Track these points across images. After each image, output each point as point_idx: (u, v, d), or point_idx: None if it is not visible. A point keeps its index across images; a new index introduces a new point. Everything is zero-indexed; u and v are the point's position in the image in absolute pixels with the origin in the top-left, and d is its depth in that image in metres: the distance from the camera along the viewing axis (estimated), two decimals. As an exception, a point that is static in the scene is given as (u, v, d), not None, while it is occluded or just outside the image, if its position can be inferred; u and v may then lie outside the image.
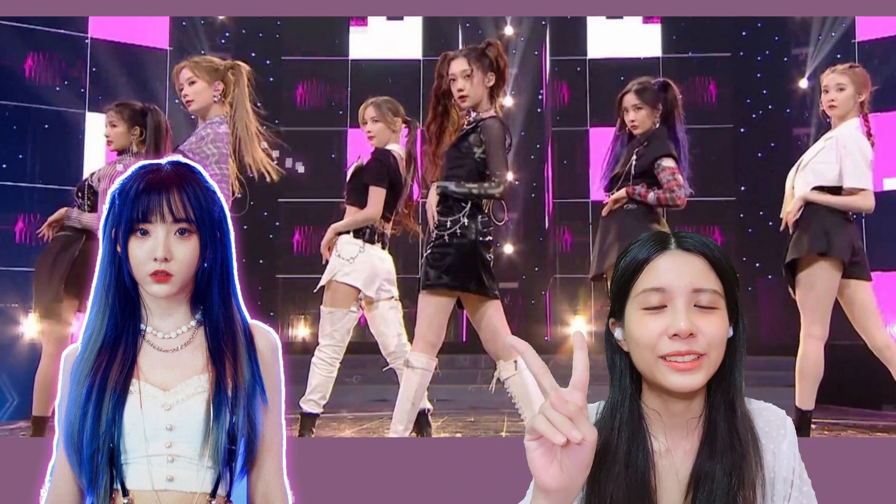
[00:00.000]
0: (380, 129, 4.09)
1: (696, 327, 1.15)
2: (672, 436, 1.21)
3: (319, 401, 3.89)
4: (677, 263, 1.18)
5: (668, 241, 1.20)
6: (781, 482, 1.19)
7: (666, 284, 1.16)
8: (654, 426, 1.21)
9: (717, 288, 1.18)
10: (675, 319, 1.15)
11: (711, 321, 1.16)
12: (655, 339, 1.16)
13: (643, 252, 1.20)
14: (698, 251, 1.19)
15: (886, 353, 3.60)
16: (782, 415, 1.24)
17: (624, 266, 1.21)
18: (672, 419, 1.20)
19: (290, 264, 10.89)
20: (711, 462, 1.16)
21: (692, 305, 1.16)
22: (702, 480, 1.16)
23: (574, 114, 10.98)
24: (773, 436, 1.21)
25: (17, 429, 5.16)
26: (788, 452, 1.20)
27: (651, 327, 1.16)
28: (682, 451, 1.20)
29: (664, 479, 1.19)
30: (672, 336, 1.14)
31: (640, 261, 1.19)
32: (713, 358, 1.16)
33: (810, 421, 3.68)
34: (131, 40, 9.49)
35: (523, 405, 3.34)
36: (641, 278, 1.19)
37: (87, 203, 4.22)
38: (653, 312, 1.17)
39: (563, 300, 10.64)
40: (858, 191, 3.66)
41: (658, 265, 1.18)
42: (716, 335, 1.16)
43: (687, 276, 1.17)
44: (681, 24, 10.83)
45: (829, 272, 3.61)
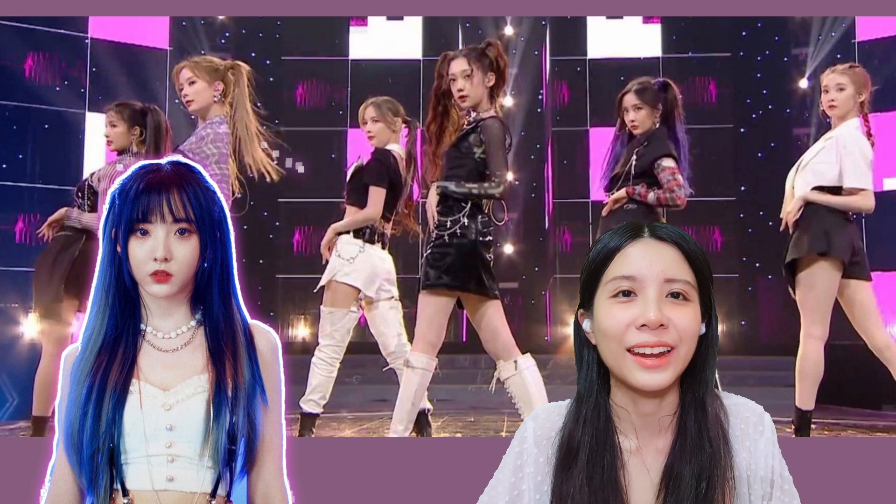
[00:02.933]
0: (380, 129, 4.09)
1: (668, 318, 1.11)
2: (643, 434, 1.17)
3: (319, 401, 3.89)
4: (650, 252, 1.14)
5: (640, 229, 1.17)
6: (759, 481, 1.15)
7: (637, 272, 1.12)
8: (623, 423, 1.17)
9: (690, 279, 1.14)
10: (644, 309, 1.11)
11: (683, 313, 1.12)
12: (623, 329, 1.12)
13: (615, 240, 1.16)
14: (672, 241, 1.15)
15: (886, 353, 3.60)
16: (760, 411, 1.19)
17: (594, 254, 1.17)
18: (642, 418, 1.17)
19: (290, 264, 10.88)
20: (682, 462, 1.13)
21: (664, 296, 1.12)
22: (672, 480, 1.13)
23: (574, 114, 10.97)
24: (750, 433, 1.17)
25: (17, 429, 5.16)
26: (766, 450, 1.16)
27: (619, 317, 1.12)
28: (653, 450, 1.17)
29: (635, 479, 1.16)
30: (640, 326, 1.10)
31: (611, 248, 1.16)
32: (683, 353, 1.12)
33: (810, 421, 3.68)
34: (131, 40, 9.48)
35: (523, 405, 3.33)
36: (612, 266, 1.15)
37: (87, 203, 4.22)
38: (622, 301, 1.13)
39: (563, 300, 10.63)
40: (858, 191, 3.66)
41: (630, 252, 1.14)
42: (688, 328, 1.12)
43: (659, 265, 1.13)
44: (681, 24, 10.82)
45: (829, 272, 3.61)
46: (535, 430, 1.21)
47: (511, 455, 1.22)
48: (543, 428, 1.21)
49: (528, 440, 1.21)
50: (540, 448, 1.20)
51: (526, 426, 1.23)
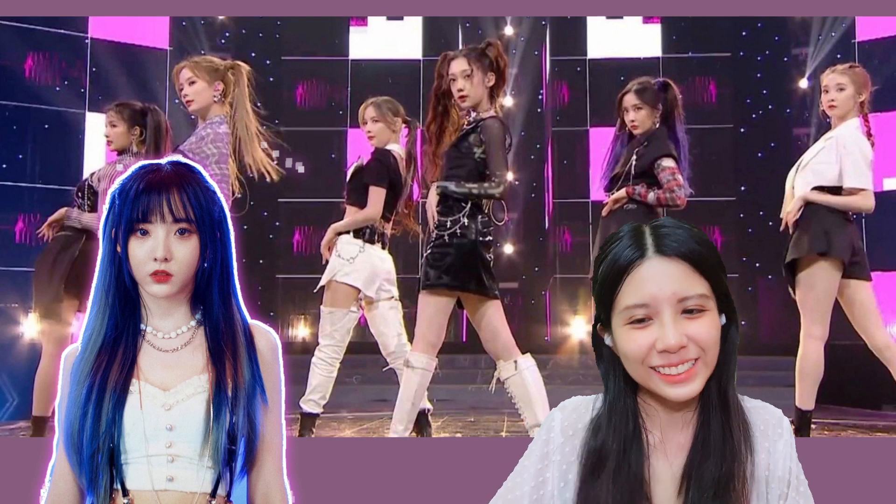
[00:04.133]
0: (380, 129, 4.09)
1: (686, 336, 1.13)
2: (667, 429, 1.20)
3: (319, 401, 3.89)
4: (658, 274, 1.14)
5: (645, 245, 1.15)
6: (777, 481, 1.18)
7: (650, 299, 1.13)
8: (649, 420, 1.20)
9: (703, 291, 1.14)
10: (663, 335, 1.12)
11: (701, 325, 1.14)
12: (644, 353, 1.14)
13: (622, 257, 1.16)
14: (678, 255, 1.14)
15: (886, 353, 3.60)
16: (779, 415, 1.23)
17: (603, 273, 1.18)
18: (669, 415, 1.19)
19: (290, 264, 10.88)
20: (703, 458, 1.15)
21: (679, 314, 1.13)
22: (694, 475, 1.15)
23: (574, 114, 10.97)
24: (770, 434, 1.20)
25: (17, 429, 5.16)
26: (784, 452, 1.19)
27: (639, 342, 1.14)
28: (675, 445, 1.19)
29: (658, 473, 1.18)
30: (661, 351, 1.13)
31: (619, 269, 1.15)
32: (708, 359, 1.15)
33: (810, 421, 3.68)
34: (131, 40, 9.48)
35: (523, 405, 3.33)
36: (623, 292, 1.15)
37: (87, 203, 4.22)
38: (639, 326, 1.14)
39: (563, 300, 10.64)
40: (858, 191, 3.66)
41: (639, 276, 1.14)
42: (708, 338, 1.14)
43: (670, 287, 1.13)
44: (681, 24, 10.82)
45: (829, 272, 3.61)
46: (563, 420, 1.24)
47: (538, 443, 1.25)
48: (570, 419, 1.23)
49: (555, 429, 1.23)
50: (566, 438, 1.22)
51: (553, 416, 1.25)
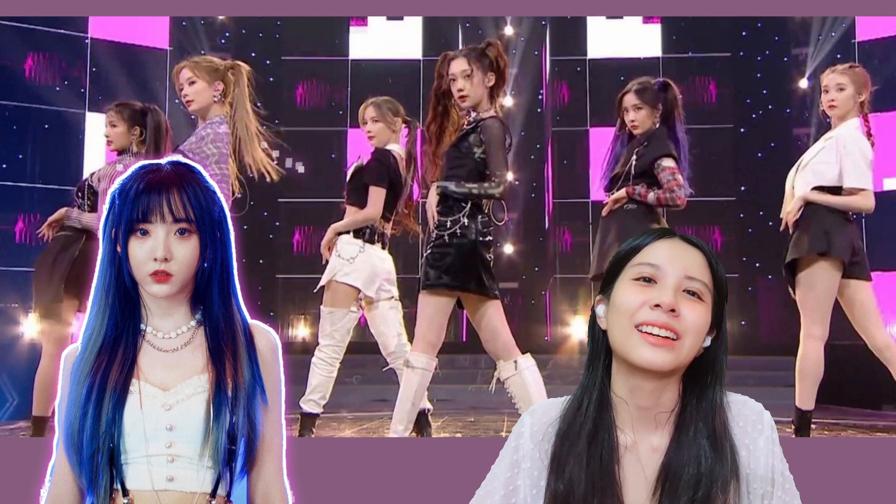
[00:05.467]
0: (380, 129, 4.09)
1: (680, 309, 1.16)
2: (638, 430, 1.19)
3: (319, 401, 3.89)
4: (676, 249, 1.21)
5: (670, 232, 1.24)
6: (759, 480, 1.16)
7: (661, 263, 1.18)
8: (620, 417, 1.19)
9: (708, 283, 1.19)
10: (661, 293, 1.16)
11: (695, 309, 1.17)
12: (637, 305, 1.17)
13: (645, 239, 1.23)
14: (699, 247, 1.22)
15: (886, 353, 3.60)
16: (759, 409, 1.21)
17: (624, 247, 1.24)
18: (639, 412, 1.18)
19: (290, 264, 10.88)
20: (679, 461, 1.14)
21: (681, 290, 1.17)
22: (669, 479, 1.14)
23: (574, 114, 10.96)
24: (749, 431, 1.18)
25: (17, 429, 5.16)
26: (766, 449, 1.17)
27: (637, 294, 1.18)
28: (648, 447, 1.18)
29: (629, 475, 1.17)
30: (654, 306, 1.15)
31: (641, 242, 1.22)
32: (686, 345, 1.16)
33: (810, 421, 3.68)
34: (131, 40, 9.47)
35: (523, 405, 3.33)
36: (638, 255, 1.21)
37: (87, 203, 4.22)
38: (642, 284, 1.18)
39: (563, 300, 10.63)
40: (858, 191, 3.66)
41: (658, 245, 1.21)
42: (696, 322, 1.16)
43: (683, 262, 1.19)
44: (681, 24, 10.81)
45: (829, 272, 3.61)
46: (532, 425, 1.23)
47: (508, 450, 1.24)
48: (540, 423, 1.22)
49: (525, 435, 1.22)
50: (536, 443, 1.21)
51: (523, 421, 1.24)
